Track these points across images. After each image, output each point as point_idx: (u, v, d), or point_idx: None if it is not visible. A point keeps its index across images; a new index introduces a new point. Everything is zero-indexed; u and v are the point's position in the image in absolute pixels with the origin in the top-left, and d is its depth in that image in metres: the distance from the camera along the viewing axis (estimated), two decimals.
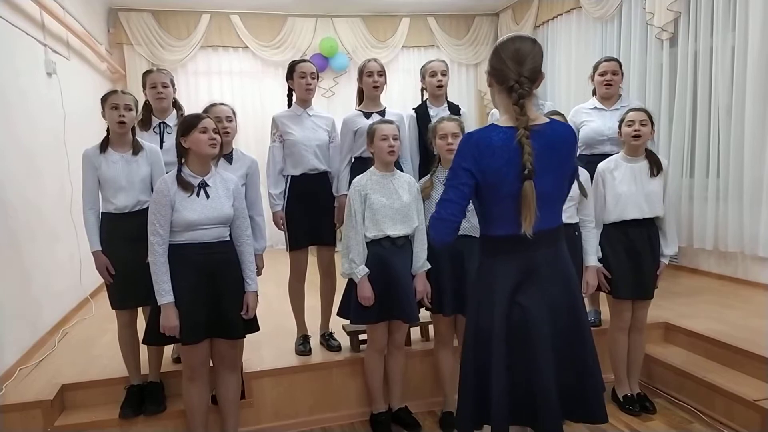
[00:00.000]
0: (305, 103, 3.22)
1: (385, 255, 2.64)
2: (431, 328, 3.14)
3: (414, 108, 3.43)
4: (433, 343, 3.00)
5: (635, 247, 2.79)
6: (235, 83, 6.91)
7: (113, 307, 2.79)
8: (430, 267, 2.71)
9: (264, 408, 2.99)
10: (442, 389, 2.96)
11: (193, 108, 2.83)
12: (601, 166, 2.88)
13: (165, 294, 2.31)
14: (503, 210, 1.70)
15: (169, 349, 3.14)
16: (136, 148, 2.74)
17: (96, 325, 3.89)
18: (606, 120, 3.51)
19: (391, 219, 2.64)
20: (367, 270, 2.62)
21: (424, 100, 3.45)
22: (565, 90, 6.23)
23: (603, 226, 2.85)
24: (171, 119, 3.12)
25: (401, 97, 6.58)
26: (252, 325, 2.57)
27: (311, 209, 3.17)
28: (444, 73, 3.32)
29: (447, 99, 3.43)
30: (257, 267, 2.68)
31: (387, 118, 2.99)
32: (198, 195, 2.37)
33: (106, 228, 2.72)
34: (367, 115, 3.19)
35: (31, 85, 3.85)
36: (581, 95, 5.38)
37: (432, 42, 7.37)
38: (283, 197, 3.17)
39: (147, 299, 2.42)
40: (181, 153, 2.41)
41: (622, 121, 2.83)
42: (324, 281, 3.32)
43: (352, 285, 2.69)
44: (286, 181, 3.18)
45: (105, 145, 2.71)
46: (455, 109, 3.37)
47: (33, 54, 3.95)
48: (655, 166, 2.79)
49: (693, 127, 4.56)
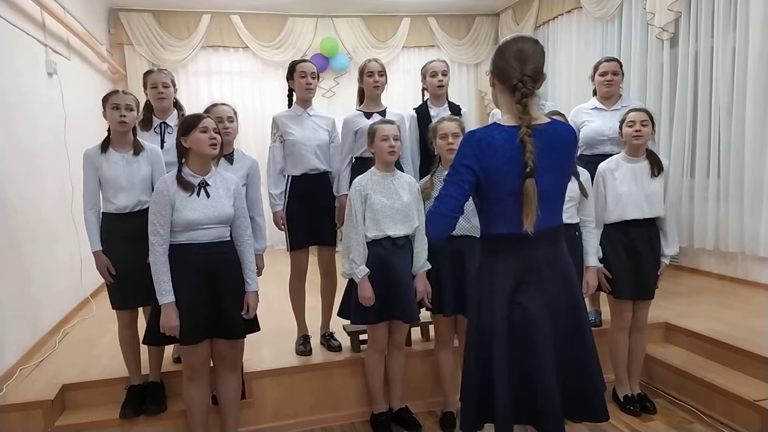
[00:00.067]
0: (305, 103, 3.22)
1: (386, 255, 2.64)
2: (431, 328, 3.15)
3: (415, 108, 3.43)
4: (434, 344, 3.00)
5: (636, 247, 2.79)
6: (236, 83, 6.91)
7: (114, 307, 2.79)
8: (430, 267, 2.71)
9: (264, 408, 2.99)
10: (442, 389, 2.96)
11: (194, 108, 2.83)
12: (602, 166, 2.88)
13: (165, 294, 2.31)
14: (504, 208, 1.70)
15: (170, 349, 3.14)
16: (137, 148, 2.75)
17: (96, 325, 3.89)
18: (606, 120, 3.51)
19: (392, 219, 2.64)
20: (368, 270, 2.62)
21: (424, 100, 3.46)
22: (566, 90, 6.22)
23: (603, 226, 2.85)
24: (172, 119, 3.12)
25: (402, 97, 6.57)
26: (252, 325, 2.57)
27: (312, 209, 3.17)
28: (445, 73, 3.32)
29: (448, 99, 3.43)
30: (258, 267, 2.68)
31: (388, 118, 2.99)
32: (198, 194, 2.37)
33: (106, 228, 2.72)
34: (368, 115, 3.19)
35: (32, 85, 3.85)
36: (582, 95, 5.38)
37: (432, 42, 7.37)
38: (284, 197, 3.17)
39: (147, 299, 2.43)
40: (182, 153, 2.41)
41: (623, 122, 2.83)
42: (324, 281, 3.32)
43: (352, 285, 2.69)
44: (286, 181, 3.18)
45: (106, 145, 2.72)
46: (456, 110, 3.37)
47: (33, 54, 3.95)
48: (656, 166, 2.79)
49: (693, 128, 4.56)
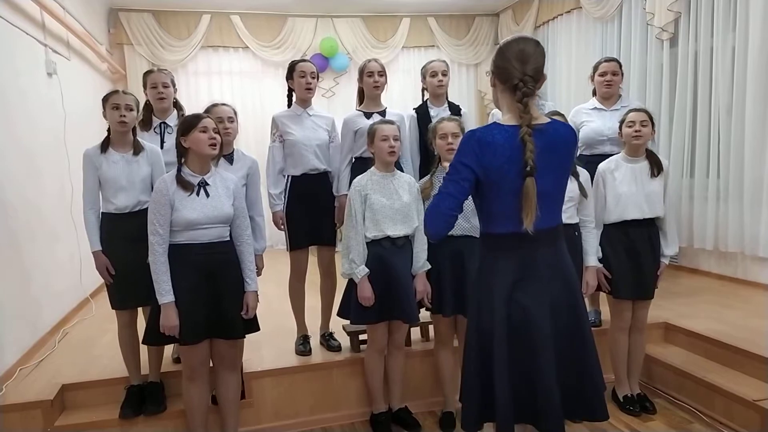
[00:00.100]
0: (305, 103, 3.22)
1: (386, 255, 2.64)
2: (431, 328, 3.15)
3: (415, 108, 3.43)
4: (433, 344, 3.00)
5: (635, 248, 2.79)
6: (235, 83, 6.91)
7: (113, 308, 2.79)
8: (430, 267, 2.71)
9: (264, 408, 2.99)
10: (442, 389, 2.96)
11: (194, 108, 2.83)
12: (602, 166, 2.88)
13: (165, 293, 2.31)
14: (504, 207, 1.71)
15: (169, 349, 3.14)
16: (136, 148, 2.75)
17: (96, 325, 3.89)
18: (606, 120, 3.51)
19: (392, 219, 2.64)
20: (368, 270, 2.62)
21: (424, 100, 3.46)
22: (566, 90, 6.23)
23: (603, 226, 2.85)
24: (172, 119, 3.12)
25: (401, 98, 6.58)
26: (252, 325, 2.57)
27: (311, 209, 3.17)
28: (445, 73, 3.32)
29: (448, 99, 3.43)
30: (257, 267, 2.68)
31: (387, 118, 2.99)
32: (198, 194, 2.37)
33: (106, 228, 2.72)
34: (368, 116, 3.19)
35: (32, 85, 3.85)
36: (581, 95, 5.38)
37: (432, 42, 7.37)
38: (283, 197, 3.17)
39: (147, 299, 2.43)
40: (181, 153, 2.41)
41: (622, 122, 2.83)
42: (324, 281, 3.32)
43: (352, 285, 2.69)
44: (286, 181, 3.18)
45: (106, 145, 2.72)
46: (456, 110, 3.37)
47: (33, 54, 3.95)
48: (656, 166, 2.79)
49: (693, 128, 4.56)
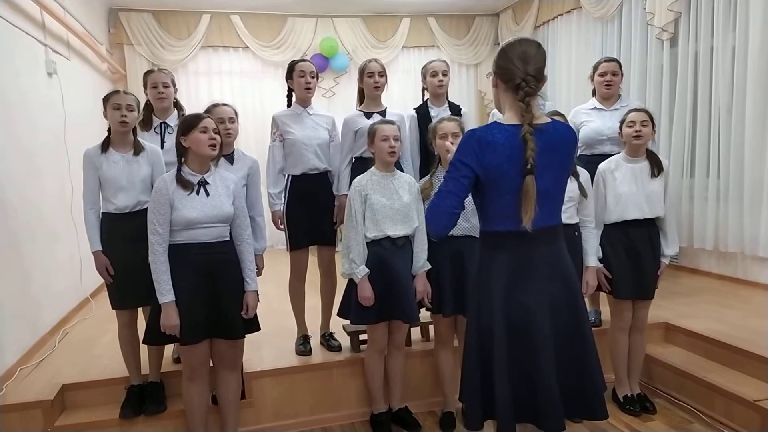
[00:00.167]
0: (305, 103, 3.22)
1: (386, 255, 2.64)
2: (431, 328, 3.15)
3: (415, 108, 3.43)
4: (433, 344, 3.00)
5: (636, 248, 2.79)
6: (236, 83, 6.91)
7: (113, 307, 2.79)
8: (430, 267, 2.71)
9: (264, 408, 2.99)
10: (442, 389, 2.96)
11: (194, 108, 2.83)
12: (602, 166, 2.88)
13: (165, 293, 2.31)
14: (503, 206, 1.71)
15: (169, 349, 3.14)
16: (137, 148, 2.75)
17: (96, 325, 3.89)
18: (606, 120, 3.51)
19: (392, 219, 2.64)
20: (368, 270, 2.62)
21: (425, 100, 3.46)
22: (566, 90, 6.22)
23: (603, 226, 2.85)
24: (172, 119, 3.12)
25: (401, 98, 6.57)
26: (252, 325, 2.57)
27: (312, 209, 3.17)
28: (445, 73, 3.32)
29: (448, 99, 3.43)
30: (257, 267, 2.68)
31: (388, 118, 2.99)
32: (198, 193, 2.37)
33: (106, 228, 2.72)
34: (368, 116, 3.19)
35: (32, 85, 3.85)
36: (581, 95, 5.38)
37: (432, 42, 7.37)
38: (283, 197, 3.17)
39: (147, 299, 2.43)
40: (181, 152, 2.41)
41: (622, 122, 2.83)
42: (324, 281, 3.32)
43: (352, 285, 2.69)
44: (286, 181, 3.18)
45: (106, 145, 2.72)
46: (456, 110, 3.37)
47: (33, 54, 3.95)
48: (656, 166, 2.79)
49: (693, 128, 4.56)
